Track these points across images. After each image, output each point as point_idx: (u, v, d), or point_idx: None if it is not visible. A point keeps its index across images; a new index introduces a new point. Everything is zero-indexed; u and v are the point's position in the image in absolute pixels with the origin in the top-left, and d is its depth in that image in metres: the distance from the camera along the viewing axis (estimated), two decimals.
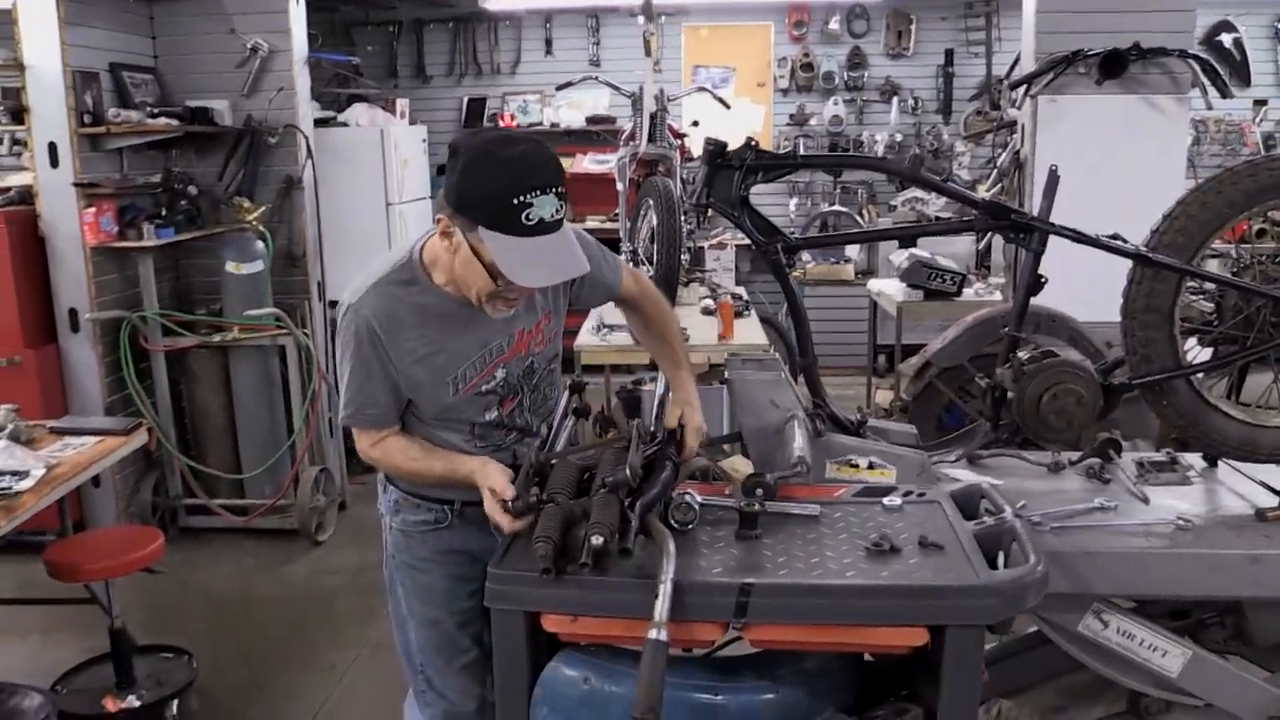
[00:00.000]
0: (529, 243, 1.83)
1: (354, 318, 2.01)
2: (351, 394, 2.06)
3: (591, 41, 8.23)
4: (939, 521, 2.00)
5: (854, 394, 7.26)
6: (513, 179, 1.81)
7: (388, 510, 2.27)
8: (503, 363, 2.12)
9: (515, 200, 1.80)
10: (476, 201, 1.84)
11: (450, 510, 2.19)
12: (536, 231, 1.83)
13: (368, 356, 2.01)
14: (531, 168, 1.83)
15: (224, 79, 5.04)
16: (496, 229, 1.83)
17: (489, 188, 1.82)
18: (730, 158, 2.49)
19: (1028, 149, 4.92)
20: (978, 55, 7.97)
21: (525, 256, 1.84)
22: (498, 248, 1.84)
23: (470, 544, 2.18)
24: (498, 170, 1.82)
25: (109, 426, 3.50)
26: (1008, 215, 2.50)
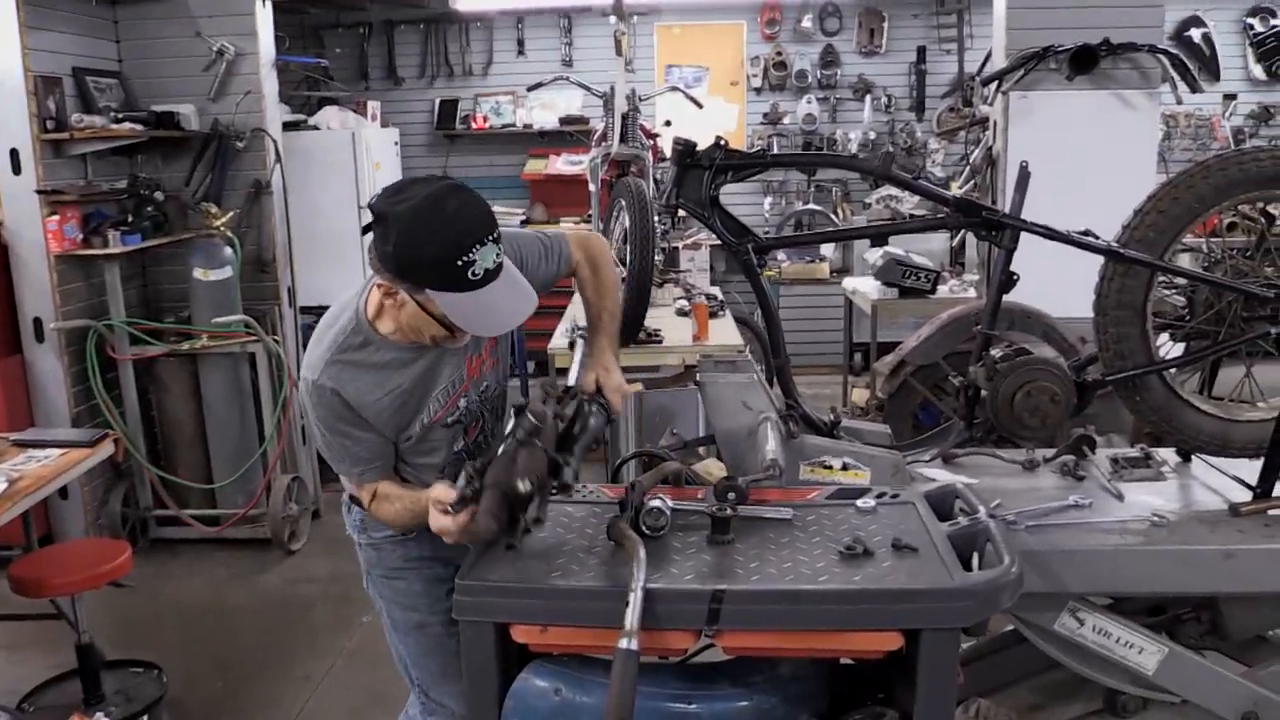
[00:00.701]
0: (478, 295, 1.86)
1: (318, 393, 2.02)
2: (351, 459, 2.08)
3: (564, 42, 8.19)
4: (913, 523, 1.99)
5: (830, 393, 7.26)
6: (451, 241, 1.82)
7: (355, 529, 2.29)
8: (463, 392, 2.16)
9: (459, 261, 1.82)
10: (419, 269, 1.85)
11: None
12: (484, 283, 1.85)
13: (347, 421, 2.03)
14: (467, 224, 1.84)
15: (190, 83, 4.97)
16: (444, 289, 1.85)
17: (429, 254, 1.82)
18: (699, 157, 2.47)
19: (1000, 145, 4.92)
20: (950, 52, 8.00)
21: (478, 307, 1.87)
22: (447, 304, 1.87)
23: (441, 550, 2.15)
24: (434, 235, 1.82)
25: (75, 438, 3.44)
26: (979, 213, 2.49)
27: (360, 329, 2.03)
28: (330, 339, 2.04)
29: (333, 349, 2.03)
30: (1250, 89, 8.08)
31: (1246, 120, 8.05)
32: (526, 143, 8.30)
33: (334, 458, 2.10)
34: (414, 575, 2.25)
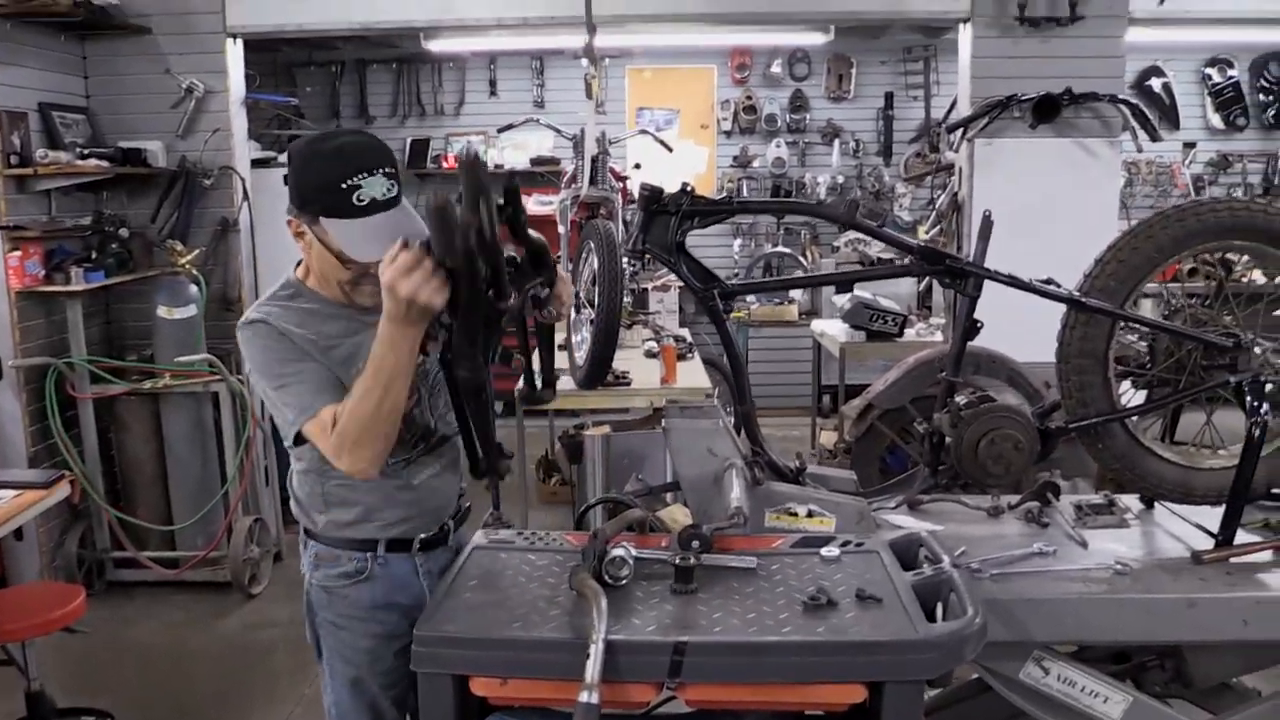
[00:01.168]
0: (364, 222, 1.92)
1: (255, 329, 2.01)
2: (296, 401, 1.95)
3: (535, 83, 8.25)
4: (877, 572, 1.97)
5: (799, 434, 7.28)
6: (337, 166, 1.92)
7: (308, 567, 2.19)
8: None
9: (344, 185, 1.90)
10: (311, 195, 1.95)
11: (372, 559, 2.12)
12: (370, 211, 1.92)
13: (284, 353, 1.99)
14: (355, 153, 1.94)
15: (158, 120, 4.95)
16: (333, 215, 1.93)
17: (318, 179, 1.93)
18: (666, 203, 2.47)
19: (965, 191, 4.99)
20: (917, 99, 8.13)
21: (363, 234, 1.92)
22: (337, 232, 1.94)
23: (395, 596, 2.11)
24: (323, 161, 1.94)
25: (30, 479, 3.37)
26: (942, 260, 2.50)
27: (289, 284, 2.10)
28: (264, 297, 2.12)
29: (265, 300, 2.09)
30: (1209, 137, 8.26)
31: (1206, 168, 8.22)
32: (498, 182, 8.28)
33: (282, 405, 1.97)
34: (361, 629, 2.14)
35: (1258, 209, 2.47)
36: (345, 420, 1.90)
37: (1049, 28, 4.83)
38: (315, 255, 2.02)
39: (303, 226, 2.00)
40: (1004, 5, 4.84)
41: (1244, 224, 2.45)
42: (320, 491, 2.11)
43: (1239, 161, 8.18)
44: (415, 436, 2.12)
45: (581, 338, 4.76)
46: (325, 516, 2.11)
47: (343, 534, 2.12)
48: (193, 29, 4.88)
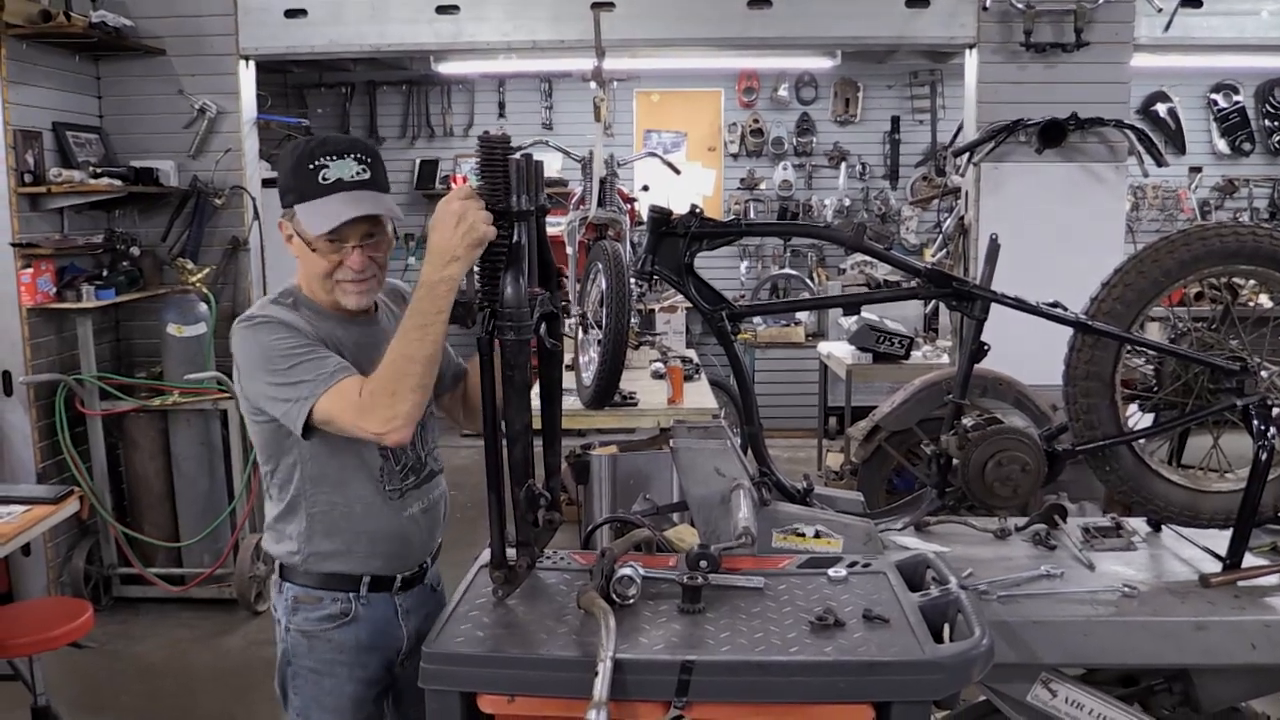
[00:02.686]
0: (328, 199, 1.91)
1: (258, 324, 1.94)
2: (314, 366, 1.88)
3: (544, 105, 8.30)
4: (884, 593, 1.98)
5: (805, 456, 7.27)
6: (307, 150, 1.94)
7: (284, 612, 2.06)
8: None
9: (310, 165, 1.91)
10: (284, 184, 1.97)
11: (355, 600, 2.04)
12: (335, 189, 1.92)
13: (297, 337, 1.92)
14: (327, 140, 1.98)
15: (171, 139, 4.99)
16: (303, 199, 1.93)
17: (289, 164, 1.95)
18: (675, 225, 2.49)
19: (971, 214, 5.01)
20: (923, 123, 8.16)
21: (325, 209, 1.92)
22: (305, 215, 1.93)
23: (378, 639, 2.06)
24: (298, 151, 1.96)
25: (38, 495, 3.39)
26: (949, 284, 2.51)
27: (288, 292, 2.06)
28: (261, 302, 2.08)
29: (265, 303, 2.04)
30: (1215, 162, 8.28)
31: (1212, 192, 8.23)
32: None
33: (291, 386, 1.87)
34: (346, 674, 2.04)
35: (1263, 234, 2.48)
36: (381, 369, 1.84)
37: (1055, 54, 4.86)
38: (299, 254, 2.00)
39: (285, 225, 2.00)
40: (1010, 31, 4.87)
41: (1250, 249, 2.46)
42: (304, 519, 2.02)
43: (1245, 186, 8.20)
44: (405, 467, 2.09)
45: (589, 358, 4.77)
46: (308, 548, 2.02)
47: (324, 569, 2.03)
48: (205, 50, 4.93)
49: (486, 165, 1.86)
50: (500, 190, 1.85)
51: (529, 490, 1.91)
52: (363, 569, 2.05)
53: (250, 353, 1.93)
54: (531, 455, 2.07)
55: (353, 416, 1.84)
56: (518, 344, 1.86)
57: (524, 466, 1.91)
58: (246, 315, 1.99)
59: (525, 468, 1.91)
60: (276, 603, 2.09)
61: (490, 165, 1.86)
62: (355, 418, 1.84)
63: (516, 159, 1.88)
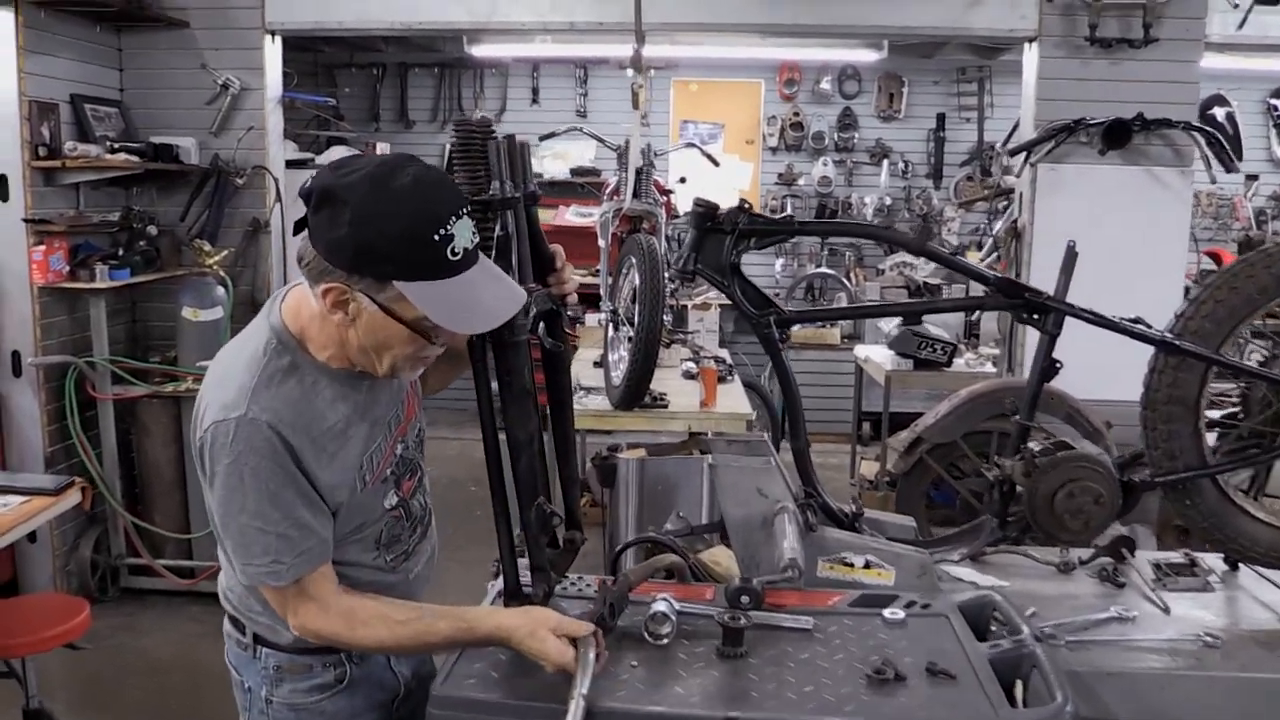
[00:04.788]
0: (459, 282, 1.50)
1: (249, 434, 1.51)
2: (277, 537, 1.53)
3: (579, 92, 8.09)
4: (948, 642, 1.77)
5: (837, 462, 7.06)
6: (423, 211, 1.46)
7: (263, 682, 1.74)
8: (400, 435, 1.75)
9: (436, 236, 1.45)
10: (384, 252, 1.45)
11: (349, 662, 1.72)
12: (464, 265, 1.50)
13: (282, 478, 1.53)
14: (439, 191, 1.50)
15: (193, 115, 4.83)
16: (419, 277, 1.47)
17: (398, 230, 1.45)
18: (721, 221, 2.28)
19: (1026, 218, 4.76)
20: (969, 120, 7.89)
21: (462, 298, 1.50)
22: (425, 298, 1.48)
23: (374, 696, 1.78)
24: (400, 205, 1.45)
25: (37, 485, 3.23)
26: (1021, 294, 2.29)
27: (285, 347, 1.58)
28: (245, 364, 1.56)
29: (255, 374, 1.54)
30: (1273, 170, 7.97)
31: (1269, 201, 7.91)
32: None
33: (256, 537, 1.53)
34: None
35: None
36: (355, 629, 1.59)
37: (1121, 50, 4.60)
38: (366, 329, 1.53)
39: (352, 293, 1.50)
40: (1074, 25, 4.61)
41: None
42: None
43: None
44: (414, 523, 1.82)
45: (619, 356, 4.59)
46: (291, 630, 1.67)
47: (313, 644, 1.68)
48: (231, 24, 4.76)
49: (462, 152, 1.69)
50: (480, 178, 1.68)
51: (539, 510, 1.72)
52: None
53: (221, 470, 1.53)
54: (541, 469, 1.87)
55: (297, 616, 1.60)
56: (514, 346, 1.67)
57: (531, 483, 1.71)
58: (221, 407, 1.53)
59: (533, 484, 1.71)
60: (245, 669, 1.77)
61: (467, 151, 1.69)
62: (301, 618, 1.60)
63: (498, 141, 1.69)
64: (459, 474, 6.79)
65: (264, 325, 1.62)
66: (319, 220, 1.48)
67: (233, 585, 1.73)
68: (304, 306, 1.60)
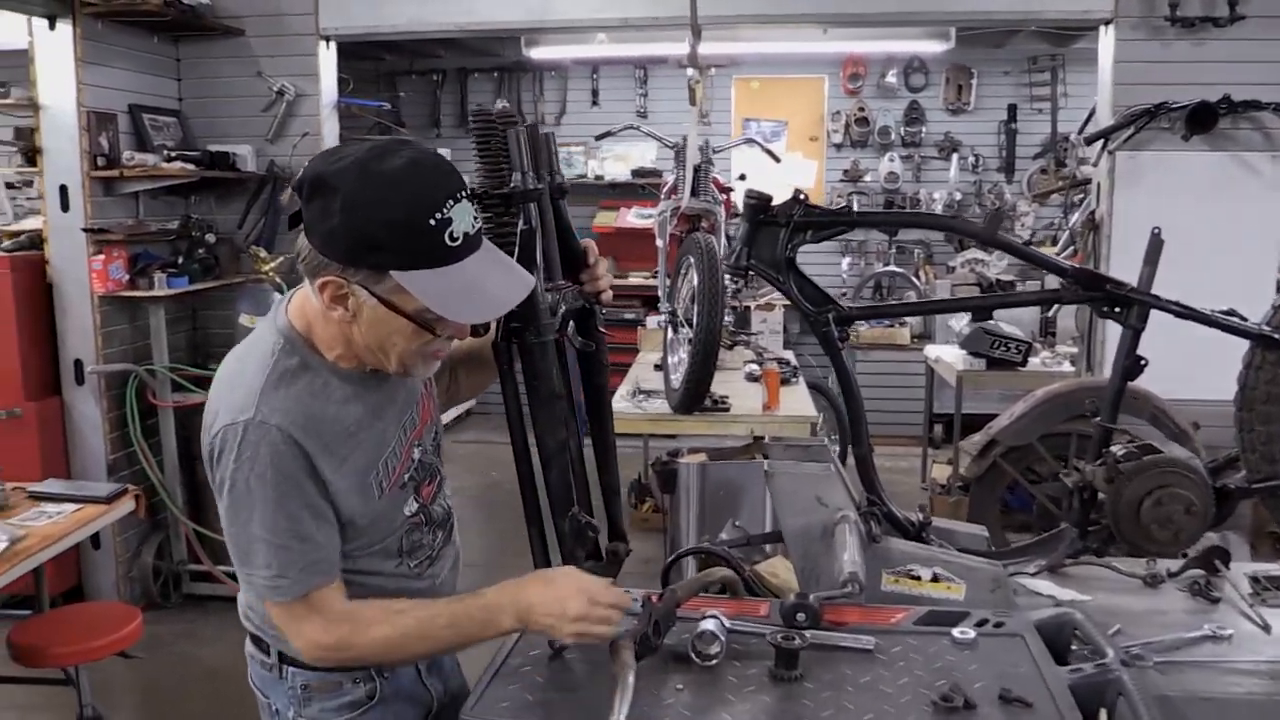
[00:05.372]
0: (461, 269, 1.41)
1: (258, 438, 1.43)
2: (280, 549, 1.46)
3: (639, 93, 8.01)
4: (1023, 664, 1.62)
5: (908, 465, 6.85)
6: (418, 195, 1.38)
7: (291, 703, 1.65)
8: (416, 439, 1.66)
9: (432, 220, 1.37)
10: (379, 241, 1.38)
11: (379, 676, 1.65)
12: (465, 251, 1.41)
13: (289, 487, 1.45)
14: (434, 174, 1.41)
15: (249, 123, 4.83)
16: (416, 266, 1.39)
17: (391, 216, 1.36)
18: (775, 214, 2.16)
19: (1104, 209, 4.52)
20: (1042, 112, 7.60)
21: (464, 286, 1.41)
22: (424, 288, 1.40)
23: (406, 712, 1.70)
24: (393, 191, 1.37)
25: (91, 493, 3.22)
26: (1102, 286, 2.13)
27: (294, 348, 1.51)
28: (254, 367, 1.49)
29: (264, 375, 1.47)
30: None
31: None
32: (598, 194, 8.09)
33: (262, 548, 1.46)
34: None
35: None
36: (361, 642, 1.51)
37: (1204, 29, 4.34)
38: (368, 324, 1.46)
39: (350, 287, 1.42)
40: (1152, 4, 4.37)
41: None
42: None
43: None
44: (435, 527, 1.74)
45: (678, 358, 4.47)
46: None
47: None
48: (285, 31, 4.75)
49: (482, 143, 1.60)
50: (502, 170, 1.60)
51: (573, 521, 1.61)
52: None
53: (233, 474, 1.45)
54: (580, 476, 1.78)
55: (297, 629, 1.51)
56: (539, 347, 1.58)
57: (564, 493, 1.61)
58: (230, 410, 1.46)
59: (566, 494, 1.61)
60: (272, 691, 1.68)
61: (486, 142, 1.59)
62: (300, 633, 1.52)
63: (519, 131, 1.59)
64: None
65: (271, 328, 1.55)
66: (312, 211, 1.41)
67: (254, 603, 1.65)
68: (308, 306, 1.53)
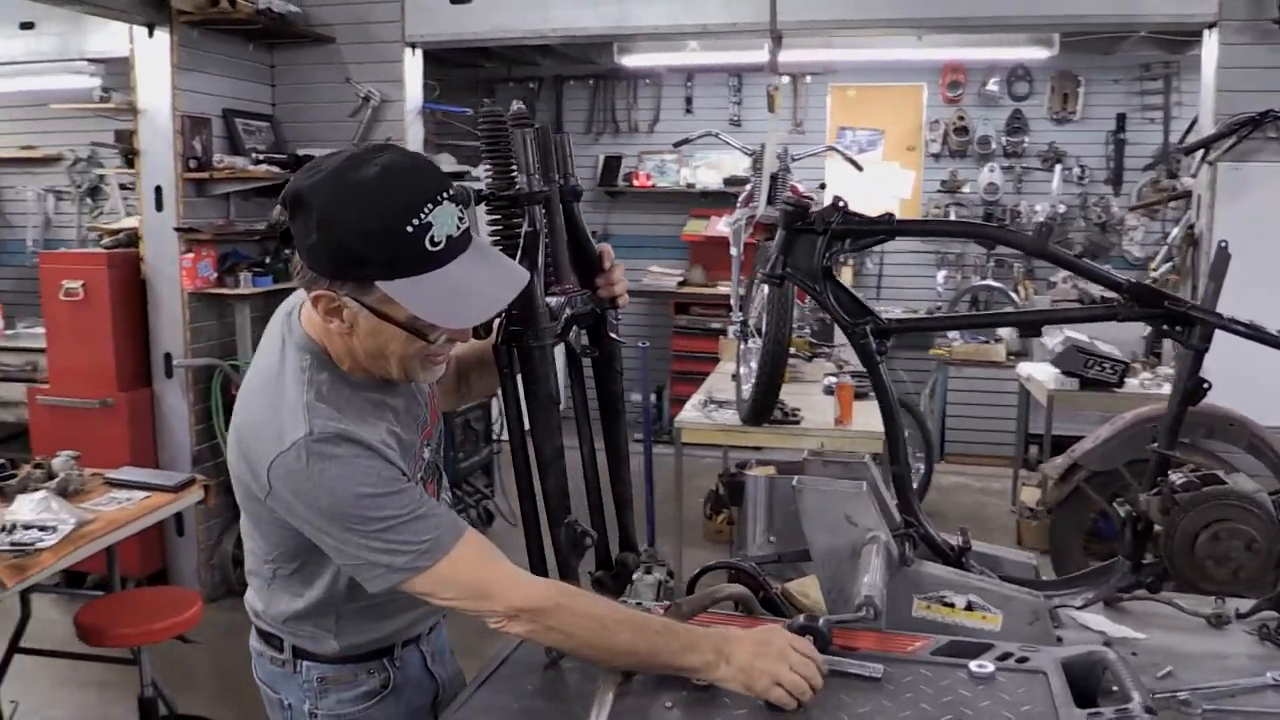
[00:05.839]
0: (446, 273, 1.37)
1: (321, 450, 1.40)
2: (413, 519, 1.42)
3: (732, 100, 7.94)
4: (1040, 703, 1.52)
5: (999, 487, 6.63)
6: (393, 203, 1.34)
7: (305, 696, 1.66)
8: (426, 439, 1.65)
9: (410, 227, 1.34)
10: (359, 253, 1.35)
11: (391, 664, 1.68)
12: (449, 255, 1.37)
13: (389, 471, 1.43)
14: (409, 180, 1.37)
15: (337, 128, 4.96)
16: (399, 274, 1.36)
17: (367, 227, 1.34)
18: (812, 221, 2.08)
19: (1203, 223, 4.28)
20: (1154, 121, 7.25)
21: (450, 290, 1.37)
22: (410, 297, 1.37)
23: (415, 699, 1.72)
24: (367, 201, 1.34)
25: (160, 482, 3.34)
26: (1160, 302, 1.99)
27: (321, 363, 1.49)
28: (294, 389, 1.46)
29: (303, 391, 1.45)
30: None
31: None
32: (688, 202, 8.06)
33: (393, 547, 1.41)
34: None
35: None
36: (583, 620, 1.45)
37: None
38: (364, 335, 1.44)
39: (341, 299, 1.40)
40: (1259, 7, 4.12)
41: None
42: (333, 619, 1.62)
43: None
44: None
45: (750, 369, 4.41)
46: (339, 641, 1.63)
47: (358, 651, 1.66)
48: (373, 38, 4.88)
49: (490, 144, 1.59)
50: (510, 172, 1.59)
51: (569, 530, 1.58)
52: (400, 638, 1.71)
53: (312, 496, 1.40)
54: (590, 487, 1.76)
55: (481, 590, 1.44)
56: (539, 351, 1.56)
57: (561, 500, 1.59)
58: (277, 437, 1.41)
59: (562, 502, 1.58)
60: (283, 686, 1.68)
61: (494, 144, 1.58)
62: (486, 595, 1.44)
63: (525, 133, 1.57)
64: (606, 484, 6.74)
65: (289, 344, 1.53)
66: (296, 228, 1.41)
67: (267, 601, 1.66)
68: (315, 320, 1.50)
